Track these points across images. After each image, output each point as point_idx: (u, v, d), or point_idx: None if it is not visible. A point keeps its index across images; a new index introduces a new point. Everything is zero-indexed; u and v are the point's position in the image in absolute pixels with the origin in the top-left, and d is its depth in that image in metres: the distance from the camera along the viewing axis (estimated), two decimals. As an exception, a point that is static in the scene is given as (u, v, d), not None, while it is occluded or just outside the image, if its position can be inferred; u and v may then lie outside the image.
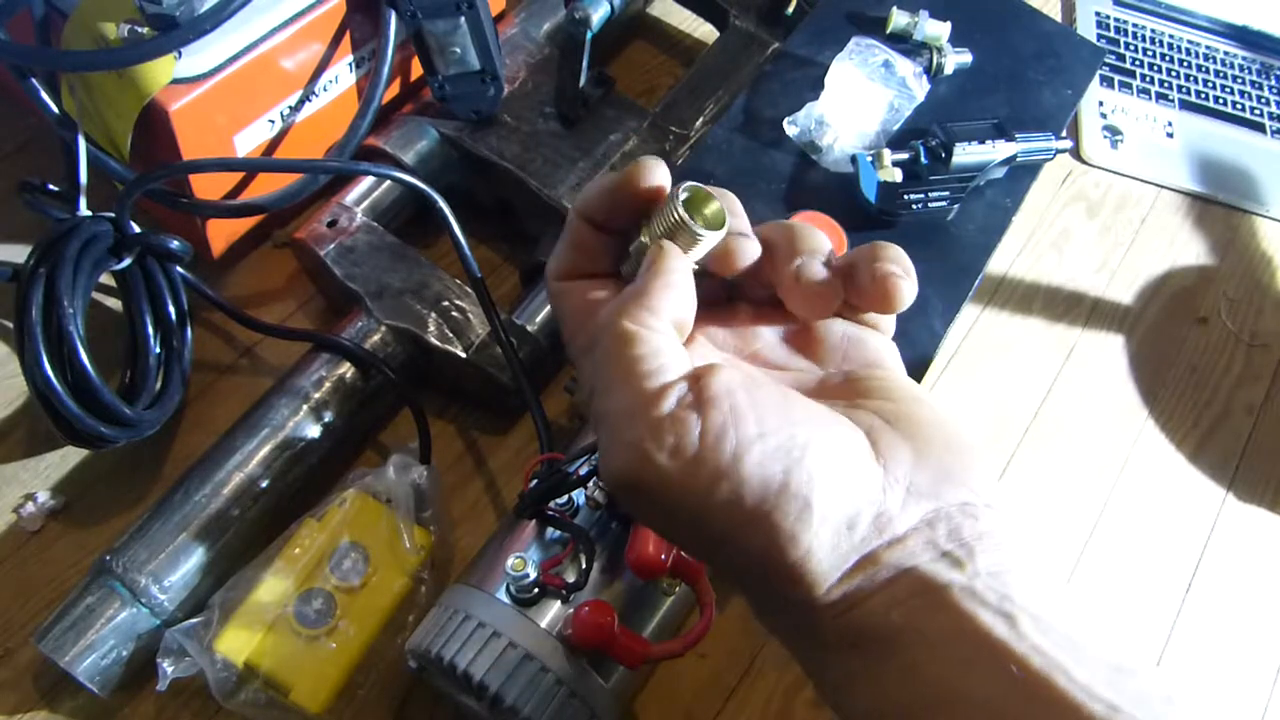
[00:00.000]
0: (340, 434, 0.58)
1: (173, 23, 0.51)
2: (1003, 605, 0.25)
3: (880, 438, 0.28)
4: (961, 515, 0.27)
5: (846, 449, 0.27)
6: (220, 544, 0.53)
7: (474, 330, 0.60)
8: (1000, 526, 0.27)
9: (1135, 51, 0.96)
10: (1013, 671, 0.24)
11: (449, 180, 0.66)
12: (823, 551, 0.26)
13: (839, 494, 0.26)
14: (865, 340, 0.32)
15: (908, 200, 0.59)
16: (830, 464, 0.26)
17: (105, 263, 0.55)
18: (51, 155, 0.58)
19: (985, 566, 0.26)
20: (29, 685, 0.52)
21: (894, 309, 0.31)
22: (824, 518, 0.26)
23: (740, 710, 0.57)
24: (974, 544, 0.26)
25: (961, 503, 0.27)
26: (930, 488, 0.27)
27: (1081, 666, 0.24)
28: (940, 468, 0.27)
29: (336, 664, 0.50)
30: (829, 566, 0.26)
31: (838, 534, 0.26)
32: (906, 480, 0.27)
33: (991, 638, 0.25)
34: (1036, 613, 0.25)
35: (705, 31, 0.83)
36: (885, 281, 0.30)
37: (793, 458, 0.25)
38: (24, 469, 0.58)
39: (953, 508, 0.27)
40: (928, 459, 0.27)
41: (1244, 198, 0.88)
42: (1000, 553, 0.26)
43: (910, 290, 0.30)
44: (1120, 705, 0.23)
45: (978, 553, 0.26)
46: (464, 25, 0.62)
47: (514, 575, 0.45)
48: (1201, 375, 0.77)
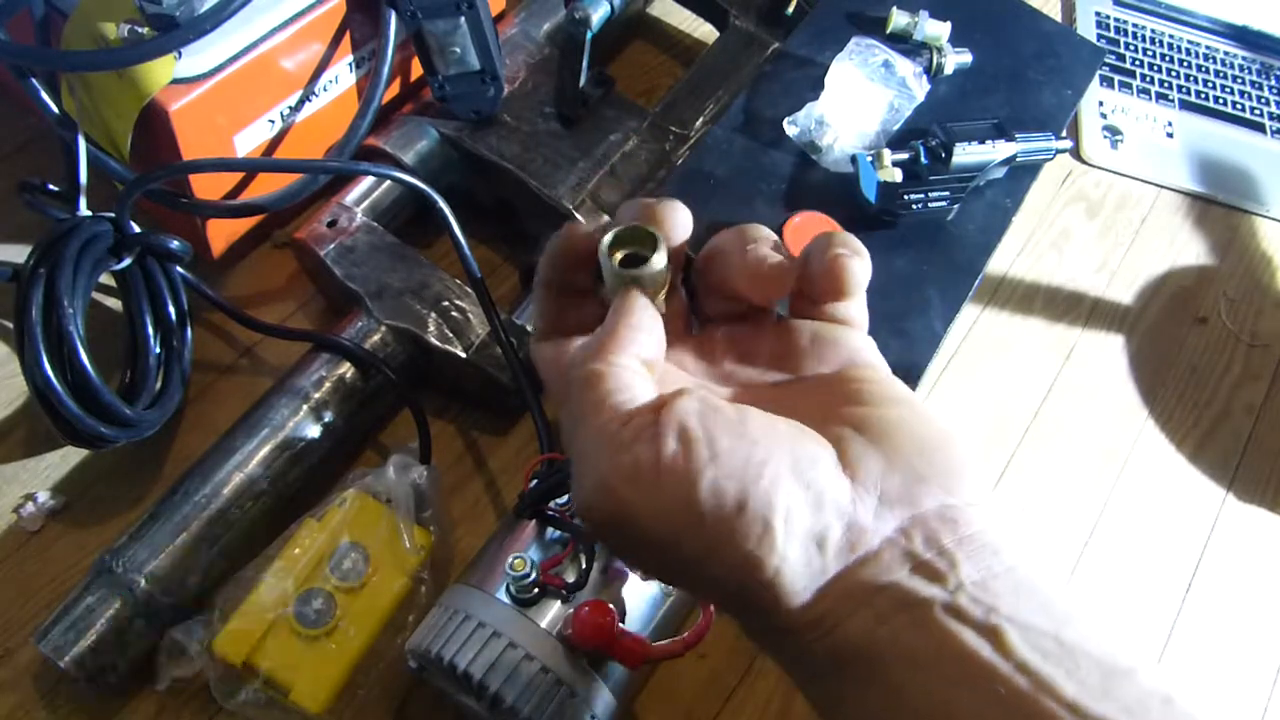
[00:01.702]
0: (340, 434, 0.58)
1: (173, 23, 0.51)
2: (988, 619, 0.24)
3: (849, 448, 0.27)
4: (939, 521, 0.26)
5: (808, 464, 0.26)
6: (220, 544, 0.53)
7: (474, 330, 0.60)
8: (986, 527, 0.27)
9: (1135, 51, 0.96)
10: (999, 692, 0.24)
11: (449, 180, 0.66)
12: (793, 572, 0.25)
13: (802, 512, 0.25)
14: (836, 338, 0.31)
15: (908, 200, 0.59)
16: (790, 482, 0.26)
17: (105, 263, 0.55)
18: (51, 155, 0.58)
19: (969, 575, 0.25)
20: (29, 685, 0.52)
21: (849, 290, 0.30)
22: (788, 536, 0.25)
23: (740, 710, 0.57)
24: (955, 551, 0.26)
25: (940, 506, 0.27)
26: (902, 494, 0.27)
27: (1072, 679, 0.24)
28: (912, 472, 0.27)
29: (336, 664, 0.50)
30: (802, 587, 0.26)
31: (807, 552, 0.25)
32: (877, 489, 0.27)
33: (976, 657, 0.24)
34: (1025, 622, 0.24)
35: (705, 31, 0.83)
36: (835, 263, 0.30)
37: (748, 477, 0.25)
38: (24, 469, 0.58)
39: (929, 513, 0.26)
40: (897, 464, 0.27)
41: (1244, 198, 0.88)
42: (985, 556, 0.26)
43: (862, 269, 0.30)
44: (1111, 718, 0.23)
45: (959, 561, 0.26)
46: (464, 25, 0.62)
47: (514, 575, 0.45)
48: (1201, 375, 0.77)
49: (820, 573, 0.26)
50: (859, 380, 0.30)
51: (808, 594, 0.26)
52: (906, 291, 0.58)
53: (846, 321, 0.32)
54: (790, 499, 0.25)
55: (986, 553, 0.26)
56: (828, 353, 0.31)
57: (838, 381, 0.30)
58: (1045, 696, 0.23)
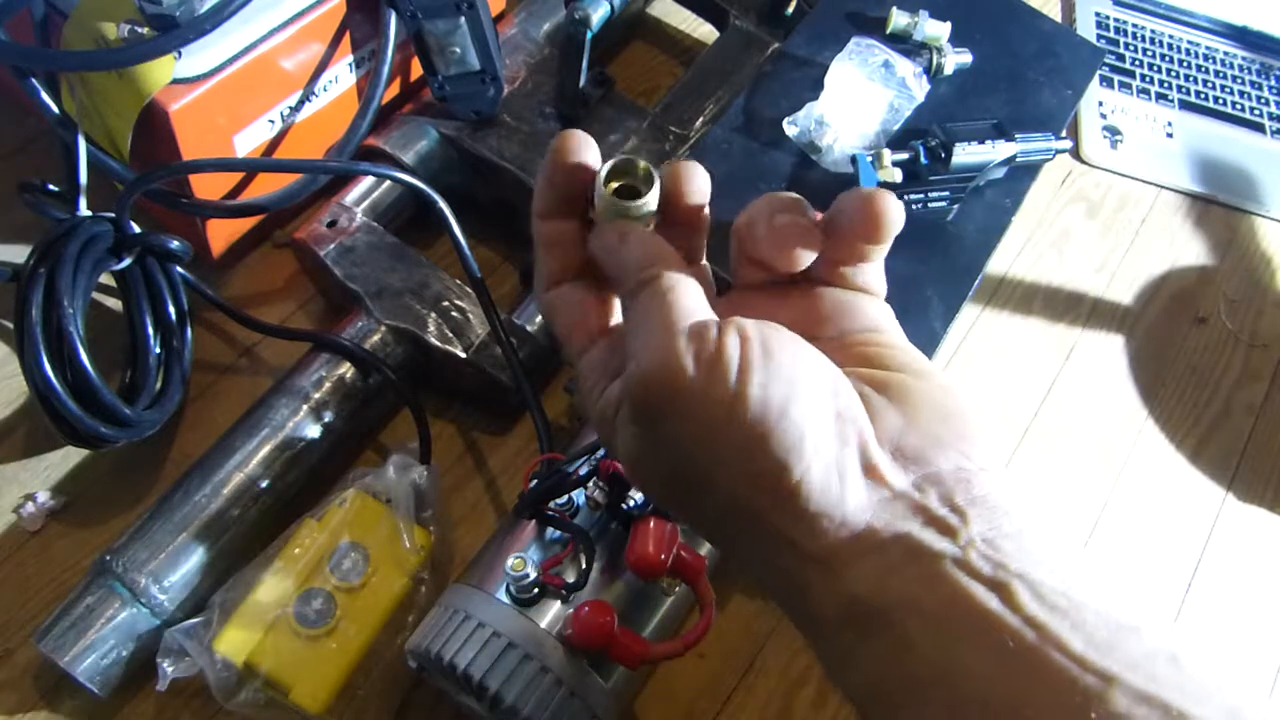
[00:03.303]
0: (340, 434, 0.58)
1: (173, 23, 0.51)
2: (996, 575, 0.25)
3: (871, 403, 0.28)
4: (954, 480, 0.27)
5: (843, 398, 0.27)
6: (220, 544, 0.53)
7: (474, 330, 0.60)
8: (998, 490, 0.27)
9: (1135, 51, 0.96)
10: (1007, 645, 0.24)
11: (449, 180, 0.66)
12: (814, 487, 0.26)
13: (831, 436, 0.26)
14: (858, 305, 0.32)
15: (908, 200, 0.59)
16: (827, 407, 0.27)
17: (105, 263, 0.55)
18: (51, 155, 0.58)
19: (979, 532, 0.26)
20: (29, 685, 0.52)
21: (884, 232, 0.31)
22: (816, 451, 0.26)
23: (740, 710, 0.57)
24: (967, 509, 0.26)
25: (955, 467, 0.27)
26: (919, 453, 0.27)
27: (1078, 633, 0.24)
28: (930, 434, 0.28)
29: (336, 664, 0.50)
30: (818, 508, 0.26)
31: (827, 476, 0.26)
32: (893, 443, 0.27)
33: (985, 611, 0.24)
34: (1035, 578, 0.25)
35: (705, 31, 0.83)
36: (868, 205, 0.30)
37: (795, 389, 0.26)
38: (24, 469, 0.58)
39: (943, 472, 0.27)
40: (915, 425, 0.28)
41: (1244, 198, 0.88)
42: (996, 516, 0.26)
43: (895, 210, 0.30)
44: (1116, 673, 0.23)
45: (971, 518, 0.26)
46: (464, 25, 0.62)
47: (514, 575, 0.45)
48: (1201, 375, 0.77)
49: (837, 502, 0.26)
50: (879, 345, 0.31)
51: (823, 519, 0.26)
52: (906, 292, 0.58)
53: (866, 289, 0.32)
54: (824, 422, 0.26)
55: (998, 513, 0.26)
56: (847, 319, 0.32)
57: (858, 345, 0.31)
58: (1052, 649, 0.24)
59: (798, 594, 0.28)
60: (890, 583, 0.26)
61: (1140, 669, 0.23)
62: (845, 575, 0.26)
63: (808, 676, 0.58)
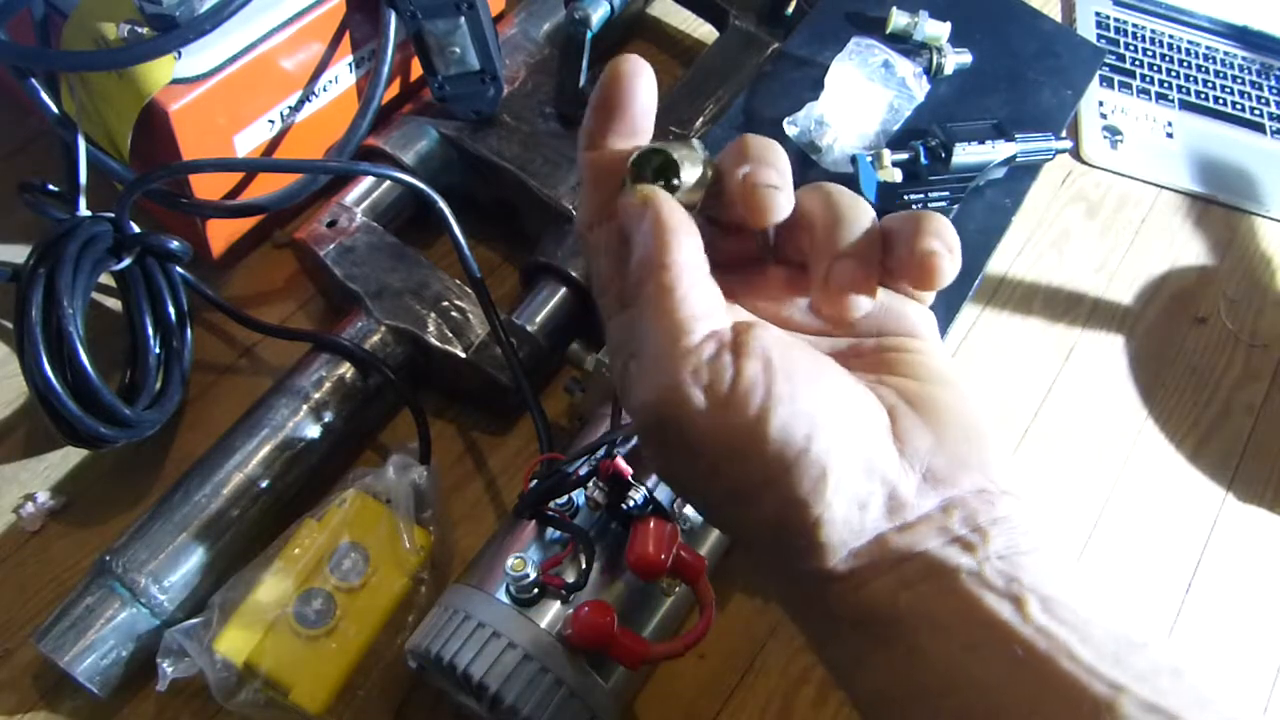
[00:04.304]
0: (340, 434, 0.58)
1: (173, 23, 0.51)
2: (1010, 588, 0.25)
3: (900, 419, 0.27)
4: (978, 501, 0.27)
5: (869, 428, 0.27)
6: (220, 544, 0.53)
7: (474, 330, 0.60)
8: (1018, 512, 0.27)
9: (1135, 51, 0.96)
10: (1017, 654, 0.24)
11: (449, 180, 0.65)
12: (834, 524, 0.26)
13: (855, 471, 0.26)
14: (902, 310, 0.31)
15: (908, 200, 0.59)
16: (850, 440, 0.26)
17: (105, 263, 0.55)
18: (51, 155, 0.58)
19: (996, 550, 0.26)
20: (29, 685, 0.52)
21: (933, 287, 0.30)
22: (838, 489, 0.25)
23: (740, 710, 0.57)
24: (988, 529, 0.26)
25: (978, 490, 0.27)
26: (947, 474, 0.27)
27: (1088, 645, 0.24)
28: (957, 455, 0.27)
29: (336, 664, 0.50)
30: (839, 541, 0.26)
31: (849, 510, 0.26)
32: (923, 466, 0.27)
33: (997, 621, 0.25)
34: (1046, 594, 0.25)
35: (705, 32, 0.83)
36: (926, 260, 0.28)
37: (816, 425, 0.25)
38: (24, 469, 0.58)
39: (969, 495, 0.27)
40: (945, 445, 0.27)
41: (1244, 198, 0.88)
42: (1015, 535, 0.26)
43: (952, 268, 0.28)
44: (1124, 684, 0.23)
45: (991, 537, 0.26)
46: (464, 25, 0.62)
47: (514, 575, 0.45)
48: (1201, 375, 0.77)
49: (857, 533, 0.26)
50: (915, 352, 0.30)
51: (843, 550, 0.26)
52: (906, 291, 0.58)
53: (915, 295, 0.31)
54: (848, 457, 0.26)
55: (1016, 533, 0.27)
56: (889, 321, 0.31)
57: (894, 349, 0.30)
58: (1063, 659, 0.24)
59: (810, 601, 0.28)
60: (904, 595, 0.26)
61: (1147, 681, 0.24)
62: (862, 590, 0.26)
63: (808, 676, 0.58)
